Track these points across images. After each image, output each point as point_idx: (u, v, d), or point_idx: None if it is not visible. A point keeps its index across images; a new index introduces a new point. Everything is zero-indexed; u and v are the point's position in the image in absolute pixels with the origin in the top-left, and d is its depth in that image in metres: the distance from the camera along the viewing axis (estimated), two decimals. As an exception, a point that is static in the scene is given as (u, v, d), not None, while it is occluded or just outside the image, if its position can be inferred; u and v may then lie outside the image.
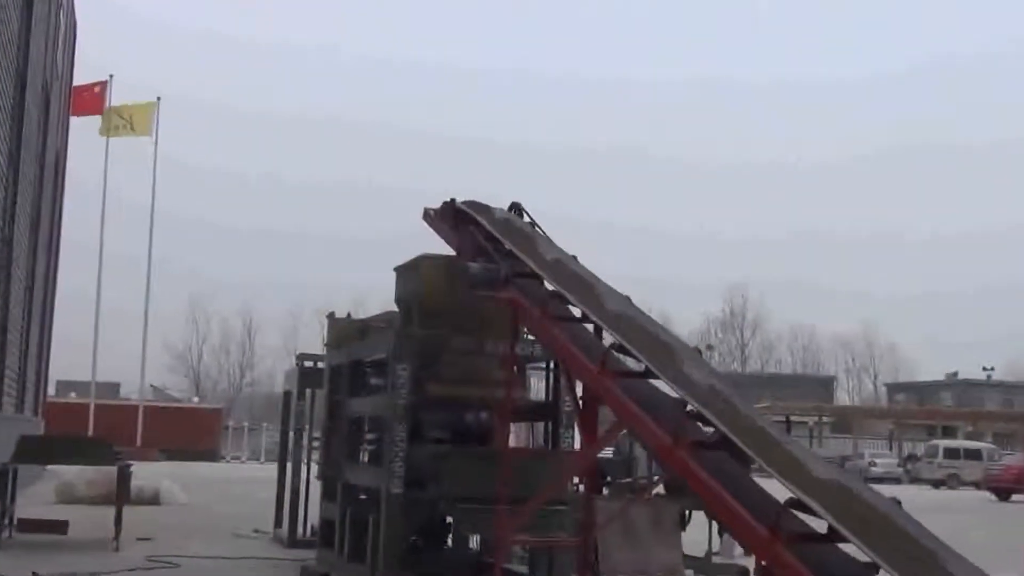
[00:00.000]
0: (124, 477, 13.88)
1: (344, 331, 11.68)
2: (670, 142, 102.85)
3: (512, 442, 10.74)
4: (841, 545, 5.17)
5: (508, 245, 8.93)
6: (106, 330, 47.91)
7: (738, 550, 12.51)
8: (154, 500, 20.98)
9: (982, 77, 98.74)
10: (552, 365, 9.80)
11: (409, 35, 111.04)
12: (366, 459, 10.49)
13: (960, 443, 52.28)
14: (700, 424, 6.46)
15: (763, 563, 5.24)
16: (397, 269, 10.30)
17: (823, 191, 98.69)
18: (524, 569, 9.86)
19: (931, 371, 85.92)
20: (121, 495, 13.70)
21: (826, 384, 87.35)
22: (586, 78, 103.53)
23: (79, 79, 41.10)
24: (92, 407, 44.38)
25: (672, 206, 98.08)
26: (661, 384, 6.88)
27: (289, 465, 15.51)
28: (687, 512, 9.30)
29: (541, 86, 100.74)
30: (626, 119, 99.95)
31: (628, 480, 12.51)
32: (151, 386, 63.49)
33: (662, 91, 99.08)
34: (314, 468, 13.91)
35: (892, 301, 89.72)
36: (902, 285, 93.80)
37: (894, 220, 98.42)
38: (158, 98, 47.24)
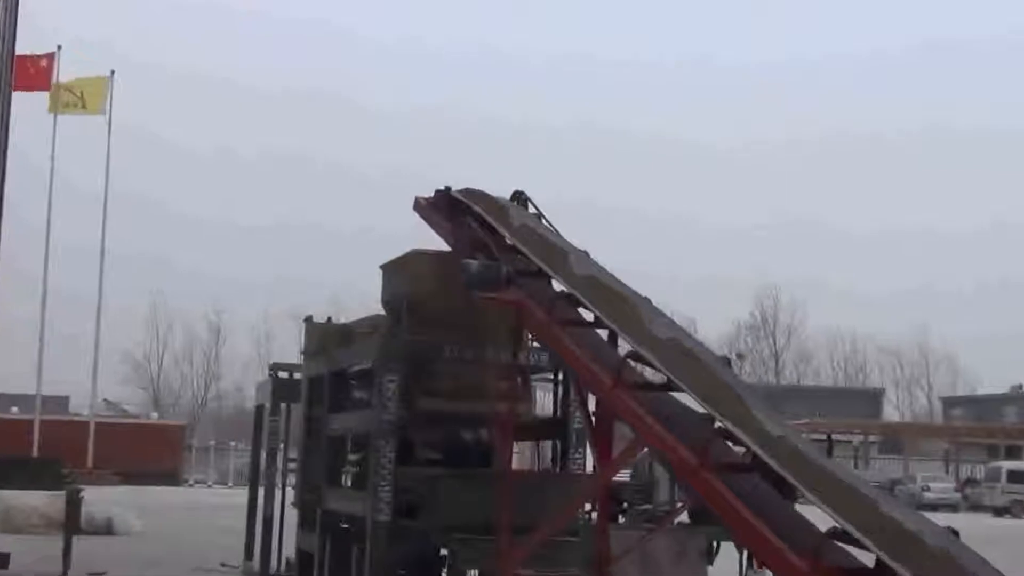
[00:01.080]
0: (74, 503, 13.91)
1: (324, 337, 11.69)
2: (677, 126, 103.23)
3: (515, 464, 10.73)
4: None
5: (511, 239, 8.94)
6: (54, 335, 48.01)
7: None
8: (107, 529, 21.01)
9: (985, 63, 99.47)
10: (561, 376, 9.81)
11: (399, 17, 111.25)
12: (349, 483, 10.49)
13: (1026, 465, 52.24)
14: (729, 443, 6.47)
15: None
16: (384, 267, 10.30)
17: (850, 183, 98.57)
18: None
19: (993, 383, 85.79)
20: (70, 523, 13.73)
21: (873, 398, 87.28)
22: (587, 57, 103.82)
23: (24, 49, 41.27)
24: (37, 423, 44.44)
25: (682, 196, 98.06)
26: (684, 397, 6.89)
27: (261, 489, 15.51)
28: (714, 543, 9.28)
29: (543, 67, 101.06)
30: (635, 105, 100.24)
31: (647, 507, 12.50)
32: (104, 400, 63.42)
33: (650, 71, 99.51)
34: (290, 493, 13.92)
35: (948, 303, 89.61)
36: (959, 284, 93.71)
37: (938, 211, 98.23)
38: (112, 72, 47.40)
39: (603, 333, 8.06)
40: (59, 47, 45.86)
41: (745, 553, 7.98)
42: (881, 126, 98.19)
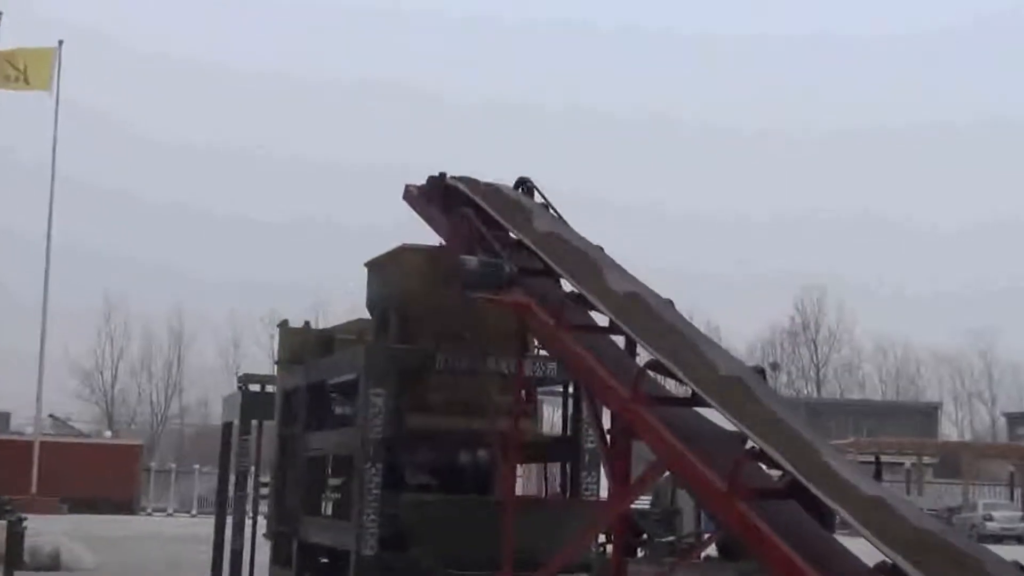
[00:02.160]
0: (15, 534, 13.92)
1: (301, 344, 11.70)
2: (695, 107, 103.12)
3: (519, 489, 10.74)
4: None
5: (516, 233, 8.95)
6: (-8, 342, 48.05)
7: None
8: (54, 564, 20.98)
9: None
10: (571, 389, 9.81)
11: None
12: (329, 511, 10.50)
13: (1103, 491, 52.19)
14: (763, 465, 6.48)
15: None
16: (370, 265, 10.31)
17: (900, 168, 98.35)
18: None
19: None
20: (12, 557, 13.74)
21: (928, 414, 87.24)
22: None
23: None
24: (-27, 443, 44.55)
25: (702, 184, 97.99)
26: (712, 414, 6.90)
27: (229, 519, 15.53)
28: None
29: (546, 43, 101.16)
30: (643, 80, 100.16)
31: (670, 538, 12.52)
32: (50, 416, 63.52)
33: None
34: (261, 523, 13.93)
35: (1014, 306, 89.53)
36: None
37: (997, 205, 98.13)
38: (60, 42, 47.54)
39: (620, 340, 8.09)
40: (0, 14, 45.98)
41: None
42: (933, 114, 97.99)
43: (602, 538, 8.76)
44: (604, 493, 9.12)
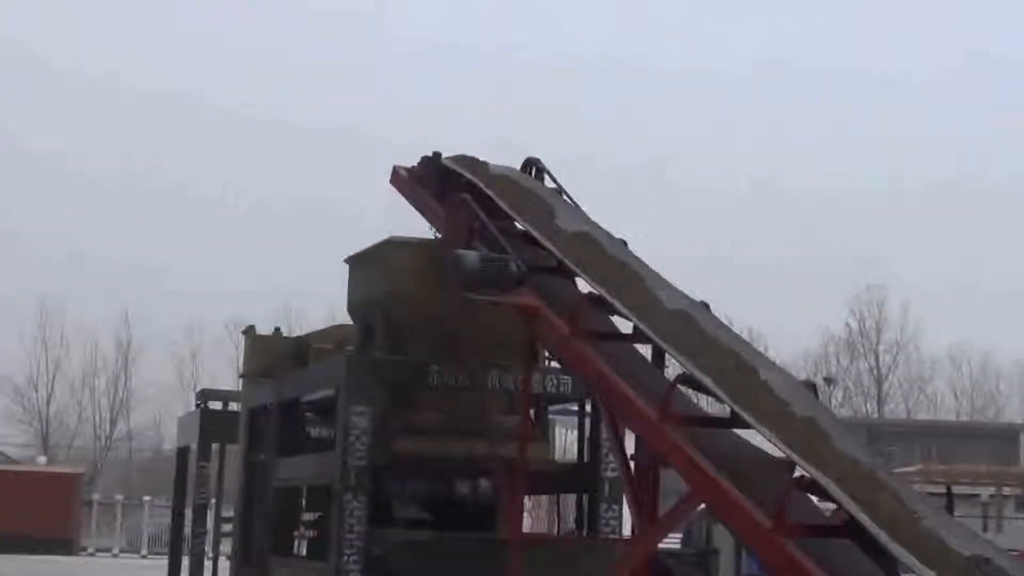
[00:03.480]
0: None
1: (271, 355, 11.72)
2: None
3: (527, 526, 10.75)
4: None
5: (524, 224, 8.96)
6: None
7: None
8: (-20, 613, 21.12)
9: None
10: (588, 407, 9.82)
11: None
12: (303, 551, 10.51)
13: None
14: (813, 497, 6.48)
15: None
16: (351, 261, 10.31)
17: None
18: None
19: None
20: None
21: (1008, 437, 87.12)
22: None
23: None
24: None
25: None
26: (754, 436, 6.91)
27: (186, 560, 15.56)
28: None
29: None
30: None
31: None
32: (-25, 440, 63.88)
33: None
34: (224, 565, 13.96)
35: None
36: None
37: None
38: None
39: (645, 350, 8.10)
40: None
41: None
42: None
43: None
44: (627, 530, 9.14)
